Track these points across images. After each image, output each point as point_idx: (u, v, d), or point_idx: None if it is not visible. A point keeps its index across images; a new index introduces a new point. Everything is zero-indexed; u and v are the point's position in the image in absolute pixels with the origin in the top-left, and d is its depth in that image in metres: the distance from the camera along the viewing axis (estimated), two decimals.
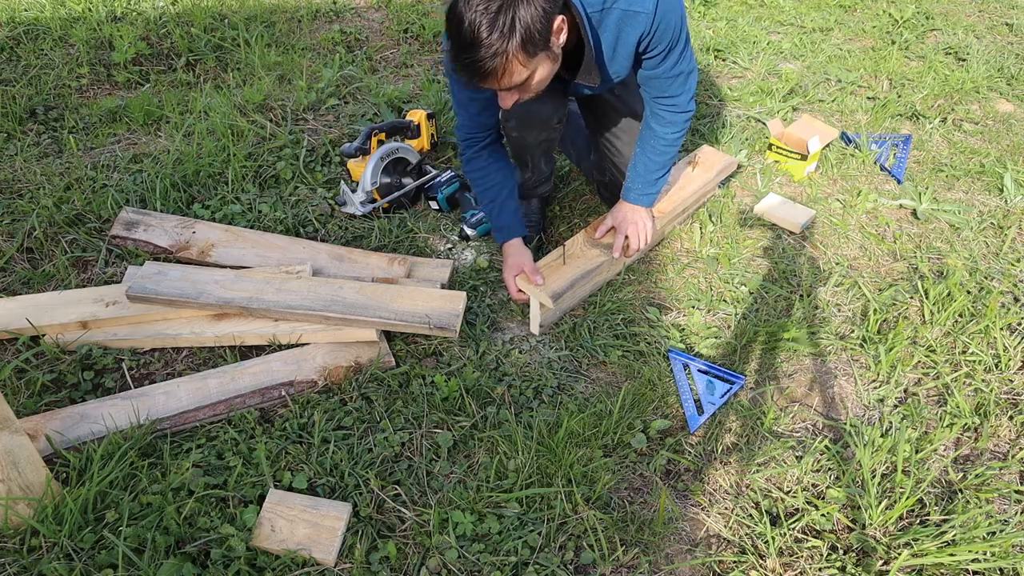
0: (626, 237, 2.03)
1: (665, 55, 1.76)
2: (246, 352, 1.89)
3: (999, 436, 1.76)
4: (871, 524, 1.53)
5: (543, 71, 1.55)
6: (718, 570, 1.49)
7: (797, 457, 1.70)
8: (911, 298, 2.12)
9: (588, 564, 1.48)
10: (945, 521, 1.53)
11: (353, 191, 2.34)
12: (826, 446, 1.71)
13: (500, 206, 2.03)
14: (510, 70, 1.48)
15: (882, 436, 1.71)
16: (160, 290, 1.87)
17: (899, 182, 2.64)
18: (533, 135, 2.01)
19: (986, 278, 2.19)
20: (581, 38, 1.66)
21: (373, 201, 2.33)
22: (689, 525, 1.58)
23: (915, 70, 3.36)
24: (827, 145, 2.76)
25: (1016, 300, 2.12)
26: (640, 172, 2.01)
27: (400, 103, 2.91)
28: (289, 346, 1.88)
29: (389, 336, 1.93)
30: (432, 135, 2.64)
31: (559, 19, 1.50)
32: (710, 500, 1.62)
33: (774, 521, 1.56)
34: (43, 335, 1.86)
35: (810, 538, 1.52)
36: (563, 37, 1.55)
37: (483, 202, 2.07)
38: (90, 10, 3.38)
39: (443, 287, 2.06)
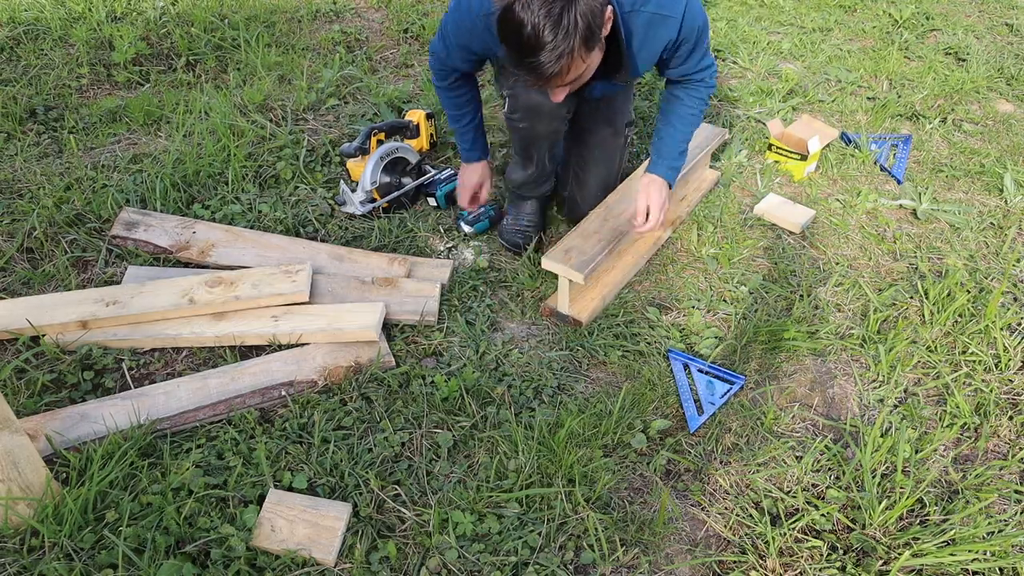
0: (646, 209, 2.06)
1: (690, 54, 1.83)
2: (246, 352, 1.89)
3: (999, 436, 1.76)
4: (871, 524, 1.53)
5: (594, 62, 1.57)
6: (718, 570, 1.49)
7: (797, 457, 1.70)
8: (911, 298, 2.12)
9: (588, 564, 1.48)
10: (945, 521, 1.54)
11: (353, 191, 2.35)
12: (826, 446, 1.71)
13: (463, 129, 2.16)
14: (574, 67, 1.50)
15: (882, 436, 1.71)
16: None
17: (899, 182, 2.64)
18: (543, 125, 2.02)
19: (986, 278, 2.19)
20: (612, 34, 1.66)
21: (373, 201, 2.33)
22: (689, 525, 1.58)
23: (915, 70, 3.36)
24: (827, 145, 2.76)
25: (1016, 300, 2.12)
26: (670, 144, 2.02)
27: (400, 103, 2.91)
28: (289, 346, 1.88)
29: (389, 336, 1.93)
30: (431, 135, 2.64)
31: (608, 10, 1.52)
32: (710, 500, 1.62)
33: (774, 521, 1.56)
34: (43, 335, 1.86)
35: (810, 538, 1.52)
36: (608, 28, 1.55)
37: (450, 121, 2.18)
38: (90, 10, 3.38)
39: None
